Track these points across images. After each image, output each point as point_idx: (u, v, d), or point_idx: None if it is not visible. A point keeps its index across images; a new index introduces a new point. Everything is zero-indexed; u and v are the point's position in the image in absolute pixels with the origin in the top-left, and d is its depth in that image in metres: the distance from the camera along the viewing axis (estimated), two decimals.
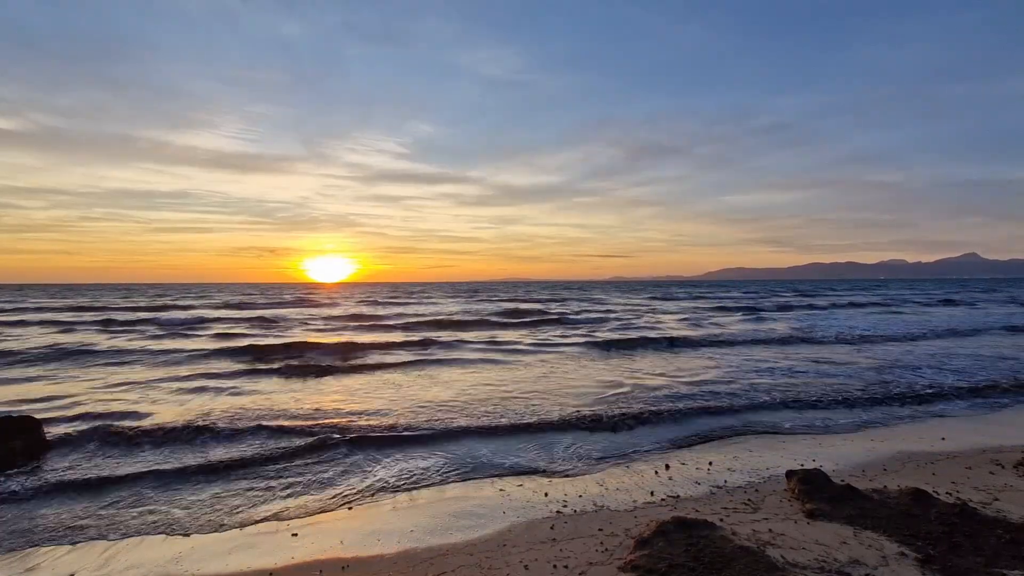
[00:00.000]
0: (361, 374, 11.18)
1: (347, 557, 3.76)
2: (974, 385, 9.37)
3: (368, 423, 7.10)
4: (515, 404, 8.14)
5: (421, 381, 10.24)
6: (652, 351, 14.72)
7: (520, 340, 17.36)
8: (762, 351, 14.35)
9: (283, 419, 7.33)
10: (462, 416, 7.43)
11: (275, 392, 9.33)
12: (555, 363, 12.51)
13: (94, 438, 6.34)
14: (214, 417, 7.39)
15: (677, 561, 3.28)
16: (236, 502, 4.71)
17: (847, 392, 8.83)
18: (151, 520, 4.37)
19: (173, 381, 10.26)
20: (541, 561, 3.56)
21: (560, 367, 11.92)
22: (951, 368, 11.21)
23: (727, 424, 7.12)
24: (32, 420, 6.08)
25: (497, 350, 14.83)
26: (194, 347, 15.32)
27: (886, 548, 3.49)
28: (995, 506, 4.19)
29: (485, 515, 4.43)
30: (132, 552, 3.88)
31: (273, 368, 11.72)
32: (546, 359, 13.20)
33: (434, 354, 14.07)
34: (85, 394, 9.08)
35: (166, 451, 6.05)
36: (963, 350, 14.06)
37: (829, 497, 4.25)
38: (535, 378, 10.45)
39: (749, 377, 10.28)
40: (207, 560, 3.76)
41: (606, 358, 13.38)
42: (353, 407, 8.05)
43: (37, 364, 12.52)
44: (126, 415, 7.60)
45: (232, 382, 10.27)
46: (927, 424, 7.16)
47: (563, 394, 8.90)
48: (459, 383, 9.92)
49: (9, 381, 10.41)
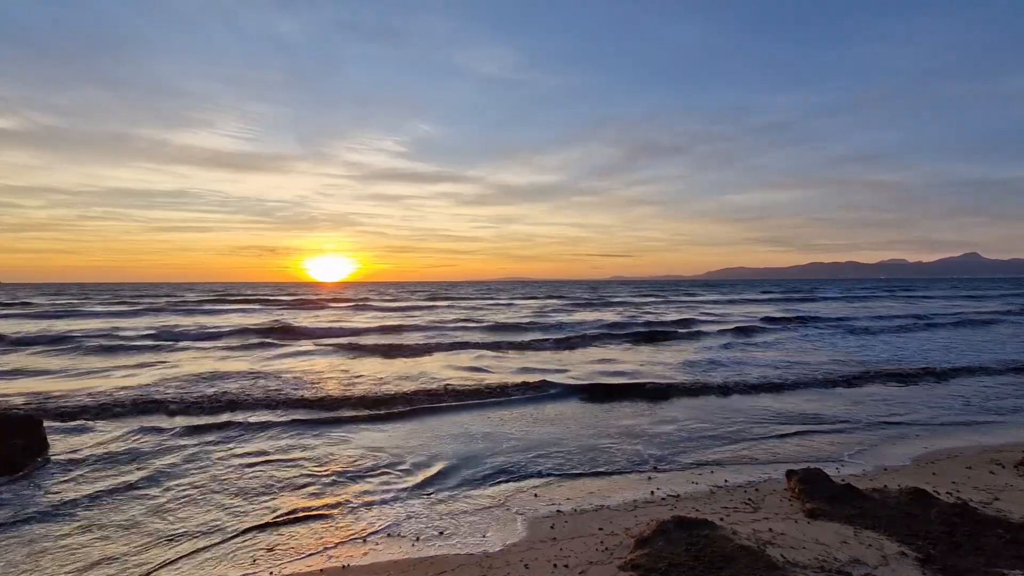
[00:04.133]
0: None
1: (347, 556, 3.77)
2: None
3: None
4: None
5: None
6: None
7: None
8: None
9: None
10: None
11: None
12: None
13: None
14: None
15: (677, 560, 3.28)
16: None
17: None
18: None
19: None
20: (541, 560, 3.56)
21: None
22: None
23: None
24: (33, 419, 6.09)
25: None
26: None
27: (886, 547, 3.49)
28: (995, 506, 4.19)
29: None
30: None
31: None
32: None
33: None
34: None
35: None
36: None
37: (829, 496, 4.25)
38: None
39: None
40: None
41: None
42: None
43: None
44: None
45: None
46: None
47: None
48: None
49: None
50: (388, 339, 17.66)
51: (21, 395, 8.90)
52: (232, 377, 10.57)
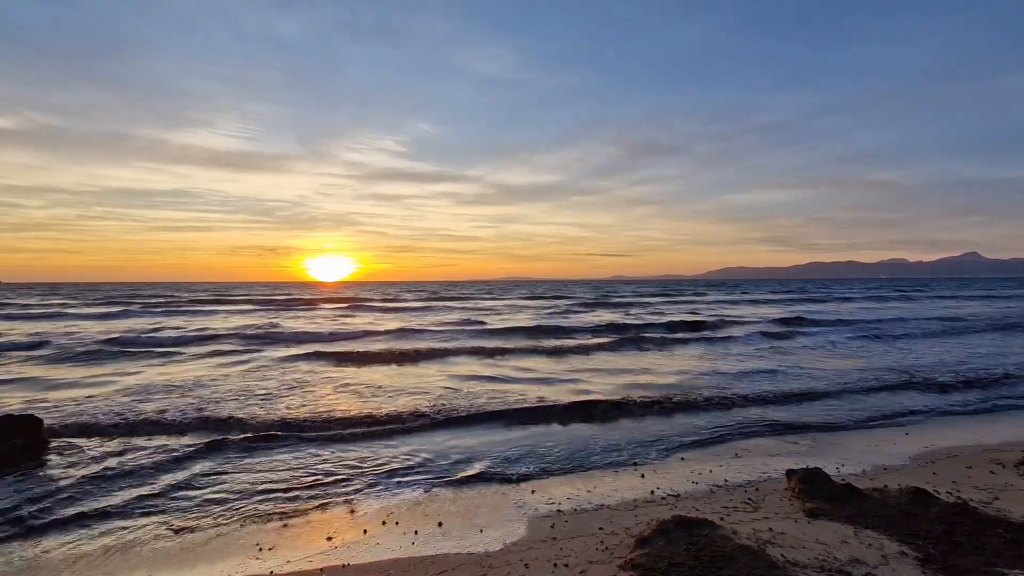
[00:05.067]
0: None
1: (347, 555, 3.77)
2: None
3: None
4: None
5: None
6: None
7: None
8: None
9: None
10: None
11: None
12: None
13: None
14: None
15: (678, 560, 3.29)
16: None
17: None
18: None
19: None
20: (541, 560, 3.56)
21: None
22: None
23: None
24: (34, 419, 6.09)
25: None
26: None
27: (886, 547, 3.49)
28: (995, 505, 4.19)
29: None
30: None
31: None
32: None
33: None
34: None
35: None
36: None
37: (829, 496, 4.25)
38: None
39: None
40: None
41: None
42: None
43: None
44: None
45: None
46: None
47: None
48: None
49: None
50: (399, 344, 16.31)
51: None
52: (209, 386, 9.52)
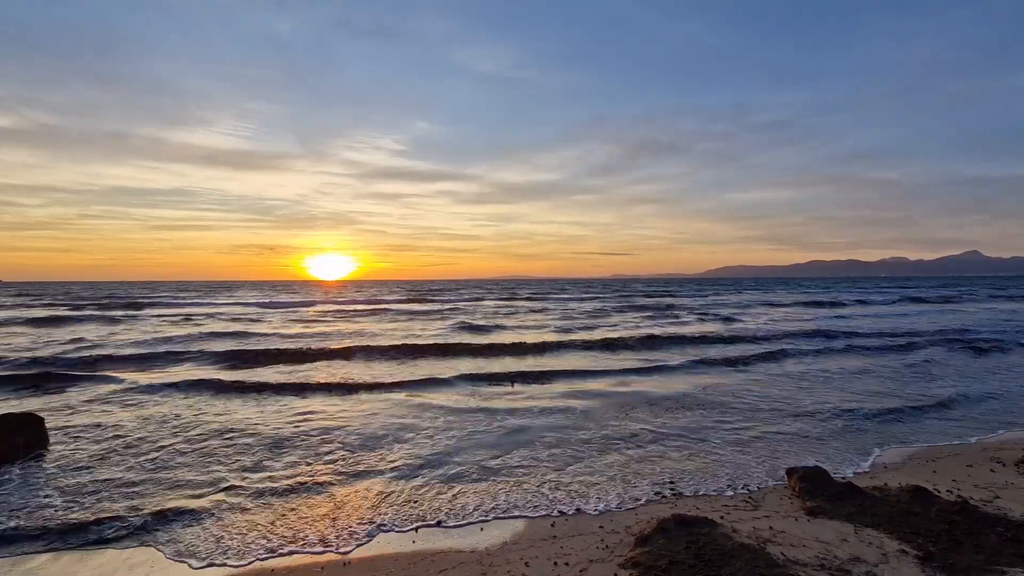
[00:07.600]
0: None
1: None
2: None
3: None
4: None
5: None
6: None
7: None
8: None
9: None
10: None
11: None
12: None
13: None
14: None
15: (678, 558, 3.29)
16: None
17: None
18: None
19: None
20: (541, 558, 3.57)
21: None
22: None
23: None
24: (34, 416, 6.10)
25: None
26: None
27: (887, 545, 3.50)
28: (996, 504, 4.19)
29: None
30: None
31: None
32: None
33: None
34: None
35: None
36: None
37: (829, 495, 4.25)
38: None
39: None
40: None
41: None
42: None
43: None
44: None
45: None
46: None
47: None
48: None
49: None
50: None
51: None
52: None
